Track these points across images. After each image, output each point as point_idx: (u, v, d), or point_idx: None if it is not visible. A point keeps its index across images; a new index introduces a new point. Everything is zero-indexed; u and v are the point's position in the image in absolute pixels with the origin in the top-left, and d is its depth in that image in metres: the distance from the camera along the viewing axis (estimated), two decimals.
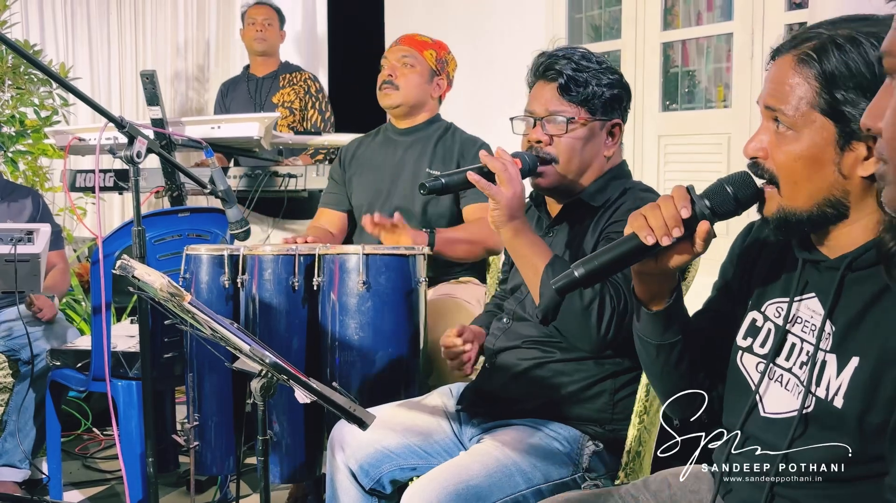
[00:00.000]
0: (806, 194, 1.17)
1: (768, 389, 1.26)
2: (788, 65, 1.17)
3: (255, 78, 4.46)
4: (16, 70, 4.37)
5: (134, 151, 2.09)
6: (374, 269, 2.23)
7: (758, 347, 1.30)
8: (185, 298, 1.48)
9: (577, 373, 1.82)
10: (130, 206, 5.82)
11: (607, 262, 1.25)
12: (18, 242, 2.60)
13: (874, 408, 1.10)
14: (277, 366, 1.50)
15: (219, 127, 3.42)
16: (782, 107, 1.16)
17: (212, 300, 2.32)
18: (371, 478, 1.91)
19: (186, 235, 2.75)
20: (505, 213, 1.74)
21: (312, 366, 2.28)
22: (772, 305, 1.30)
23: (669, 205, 1.21)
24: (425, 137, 2.83)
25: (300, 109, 4.35)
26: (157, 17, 5.97)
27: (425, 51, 2.81)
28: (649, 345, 1.39)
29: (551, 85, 1.85)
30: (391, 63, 2.80)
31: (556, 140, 1.85)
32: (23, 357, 3.04)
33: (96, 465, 3.38)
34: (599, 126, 1.88)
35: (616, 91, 1.87)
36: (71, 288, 4.08)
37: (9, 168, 4.39)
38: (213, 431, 2.35)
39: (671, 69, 4.00)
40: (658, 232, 1.21)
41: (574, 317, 1.69)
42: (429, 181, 1.85)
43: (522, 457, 1.73)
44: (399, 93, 2.78)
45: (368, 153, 2.89)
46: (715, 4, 3.83)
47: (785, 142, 1.17)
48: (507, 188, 1.73)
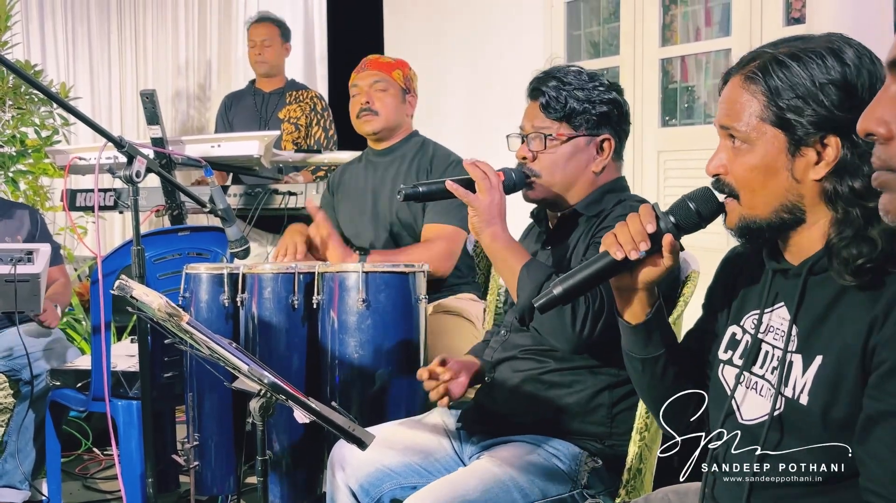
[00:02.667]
0: (763, 201, 1.24)
1: (745, 397, 1.31)
2: (737, 84, 1.25)
3: (262, 93, 4.47)
4: (16, 90, 4.39)
5: (133, 171, 2.09)
6: (374, 287, 2.23)
7: (737, 359, 1.35)
8: (184, 318, 1.48)
9: (574, 385, 1.83)
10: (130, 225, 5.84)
11: (583, 279, 1.34)
12: (18, 262, 2.60)
13: (837, 404, 1.15)
14: (276, 385, 1.50)
15: (219, 145, 3.42)
16: (735, 124, 1.24)
17: (212, 319, 2.32)
18: (371, 497, 1.91)
19: (186, 254, 2.74)
20: (483, 219, 1.82)
21: (312, 384, 2.28)
22: (749, 318, 1.35)
23: (635, 221, 1.31)
24: (402, 155, 2.85)
25: (305, 126, 4.36)
26: (158, 36, 6.01)
27: (393, 71, 2.83)
28: (634, 359, 1.44)
29: (536, 103, 1.91)
30: (364, 89, 2.81)
31: (539, 156, 1.90)
32: (23, 377, 3.03)
33: (96, 486, 3.36)
34: (585, 142, 1.90)
35: (605, 108, 1.89)
36: (71, 307, 4.08)
37: (9, 188, 4.41)
38: (213, 451, 2.34)
39: (670, 85, 4.01)
40: (626, 247, 1.30)
41: (549, 316, 1.70)
42: (407, 188, 1.90)
43: (520, 473, 1.73)
44: (379, 118, 2.80)
45: (352, 178, 2.93)
46: (713, 20, 3.84)
47: (741, 155, 1.25)
48: (486, 195, 1.82)
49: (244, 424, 2.36)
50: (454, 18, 4.98)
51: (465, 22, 4.90)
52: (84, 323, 4.25)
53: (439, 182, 1.89)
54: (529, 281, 1.76)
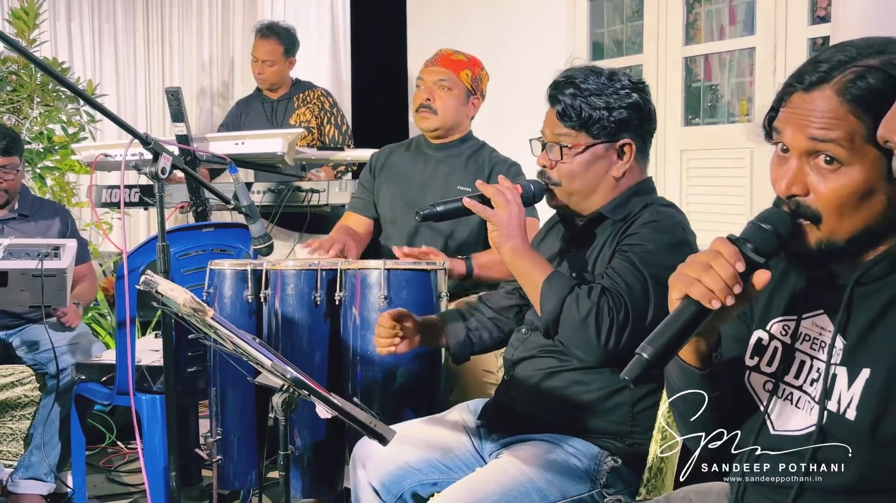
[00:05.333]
0: (850, 226, 1.15)
1: (776, 407, 1.25)
2: (833, 98, 1.13)
3: (270, 100, 4.44)
4: (44, 87, 4.44)
5: (159, 167, 2.11)
6: (396, 284, 2.24)
7: (764, 366, 1.29)
8: (208, 313, 1.49)
9: (593, 383, 1.82)
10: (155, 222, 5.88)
11: (674, 337, 1.16)
12: (45, 258, 2.64)
13: (887, 418, 1.10)
14: (299, 381, 1.51)
15: (243, 143, 3.45)
16: (834, 143, 1.13)
17: (235, 315, 2.34)
18: (393, 494, 1.92)
19: (210, 250, 2.76)
20: (502, 234, 1.82)
21: (334, 380, 2.29)
22: (777, 324, 1.29)
23: (723, 263, 1.14)
24: (458, 154, 2.84)
25: (317, 126, 4.36)
26: (183, 35, 6.05)
27: (462, 71, 2.81)
28: (699, 397, 1.29)
29: (554, 110, 1.89)
30: (428, 85, 2.80)
31: (558, 165, 1.88)
32: (49, 371, 3.07)
33: (120, 479, 3.40)
34: (604, 148, 1.87)
35: (623, 113, 1.85)
36: (96, 302, 4.13)
37: (37, 184, 4.46)
38: (235, 445, 2.37)
39: (693, 83, 3.99)
40: (721, 294, 1.13)
41: (573, 329, 1.71)
42: (423, 209, 1.92)
43: (539, 473, 1.73)
44: (437, 117, 2.79)
45: (399, 163, 2.90)
46: (737, 18, 3.82)
47: (834, 177, 1.14)
48: (503, 210, 1.81)
49: (266, 419, 2.37)
50: (476, 17, 4.98)
51: (487, 20, 4.90)
52: (109, 318, 4.29)
53: (456, 200, 1.89)
54: (552, 294, 1.75)
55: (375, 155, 3.02)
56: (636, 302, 1.69)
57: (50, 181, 4.60)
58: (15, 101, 4.42)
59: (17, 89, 4.42)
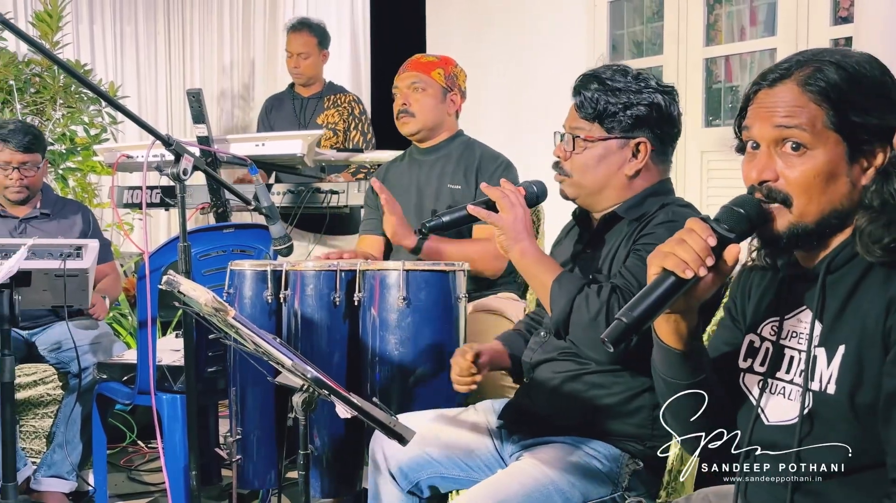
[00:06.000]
0: (818, 208, 1.25)
1: (769, 402, 1.31)
2: (795, 90, 1.25)
3: (301, 97, 4.51)
4: (67, 89, 4.48)
5: (180, 168, 2.13)
6: (415, 285, 2.24)
7: (757, 366, 1.35)
8: (230, 313, 1.50)
9: (614, 387, 1.82)
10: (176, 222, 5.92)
11: (651, 304, 1.25)
12: (67, 258, 2.65)
13: (862, 388, 1.18)
14: (319, 380, 1.52)
15: (263, 144, 3.47)
16: (798, 129, 1.23)
17: (255, 315, 2.35)
18: (410, 481, 1.93)
19: (231, 251, 2.78)
20: (509, 237, 1.83)
21: (353, 380, 2.30)
22: (767, 325, 1.36)
23: (695, 236, 1.25)
24: (447, 154, 2.86)
25: (343, 131, 4.39)
26: (204, 37, 6.09)
27: (433, 71, 2.83)
28: (678, 385, 1.36)
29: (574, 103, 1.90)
30: (403, 91, 2.83)
31: (571, 156, 1.89)
32: (71, 370, 3.10)
33: (140, 478, 3.42)
34: (618, 144, 1.86)
35: (642, 111, 1.85)
36: (118, 302, 4.16)
37: (59, 184, 4.49)
38: (255, 445, 2.38)
39: (714, 84, 3.98)
40: (694, 264, 1.23)
41: (583, 329, 1.72)
42: (428, 221, 1.94)
43: (561, 475, 1.73)
44: (416, 119, 2.81)
45: (397, 176, 2.93)
46: (758, 19, 3.80)
47: (800, 161, 1.24)
48: (508, 213, 1.82)
49: (286, 419, 2.38)
50: (496, 18, 4.98)
51: (507, 22, 4.90)
52: (130, 318, 4.32)
53: (461, 208, 1.91)
54: (561, 295, 1.76)
55: (376, 173, 3.06)
56: None
57: (72, 182, 4.64)
58: (38, 103, 4.46)
59: (41, 91, 4.46)
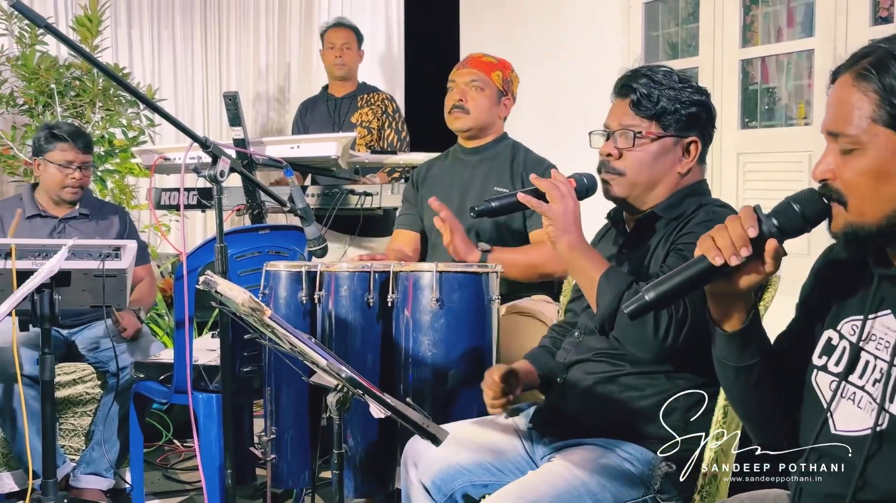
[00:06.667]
0: (873, 208, 1.18)
1: (839, 407, 1.25)
2: (848, 83, 1.19)
3: (335, 98, 4.56)
4: (105, 92, 4.54)
5: (217, 170, 2.15)
6: (448, 287, 2.25)
7: (832, 366, 1.29)
8: (266, 313, 1.52)
9: (648, 389, 1.81)
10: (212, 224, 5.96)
11: (678, 285, 1.25)
12: (106, 258, 2.69)
13: None
14: (353, 380, 1.52)
15: (298, 146, 3.50)
16: (844, 129, 1.18)
17: (289, 315, 2.37)
18: (444, 493, 1.92)
19: (266, 252, 2.80)
20: (558, 228, 1.80)
21: (386, 381, 2.31)
22: (847, 323, 1.29)
23: (736, 225, 1.22)
24: (493, 156, 2.86)
25: (377, 129, 4.43)
26: (240, 40, 6.14)
27: (493, 72, 2.84)
28: (728, 367, 1.37)
29: (625, 101, 1.89)
30: (460, 87, 2.83)
31: (625, 154, 1.87)
32: (110, 369, 3.14)
33: (176, 476, 3.46)
34: (673, 142, 1.88)
35: (694, 109, 1.87)
36: (155, 303, 4.21)
37: (97, 186, 4.56)
38: (289, 445, 2.40)
39: (750, 86, 3.94)
40: (726, 252, 1.21)
41: (630, 325, 1.70)
42: (478, 204, 1.93)
43: (592, 477, 1.72)
44: (469, 116, 2.82)
45: (439, 174, 2.94)
46: (795, 20, 3.76)
47: (850, 160, 1.18)
48: (559, 204, 1.80)
49: (319, 419, 2.40)
50: (531, 19, 4.97)
51: (541, 23, 4.89)
52: (167, 318, 4.38)
53: (511, 195, 1.89)
54: (609, 290, 1.74)
55: (417, 170, 3.06)
56: (694, 298, 1.67)
57: (110, 184, 4.71)
58: (78, 106, 4.53)
59: (81, 94, 4.53)
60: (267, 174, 5.22)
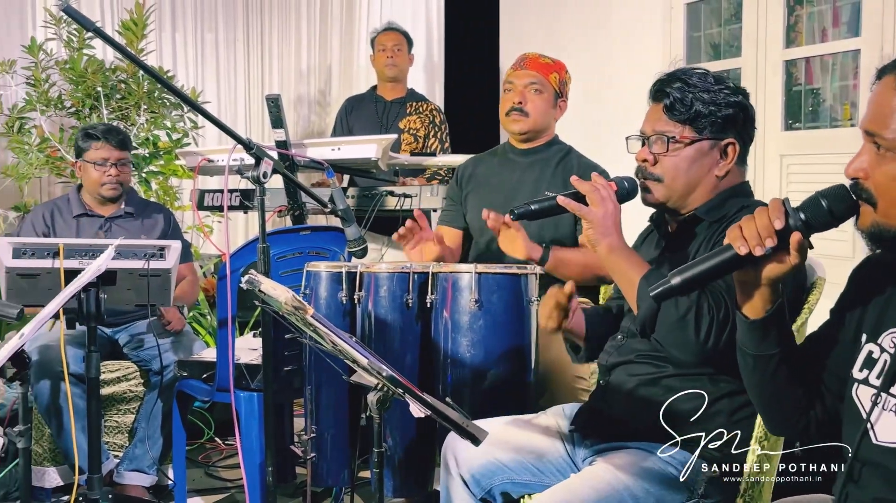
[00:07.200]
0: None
1: (880, 418, 1.25)
2: (890, 86, 1.19)
3: (384, 101, 4.58)
4: (150, 95, 4.62)
5: (261, 172, 2.18)
6: (487, 288, 2.25)
7: (873, 379, 1.29)
8: (308, 312, 1.53)
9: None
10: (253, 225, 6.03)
11: (704, 271, 1.29)
12: (151, 258, 2.74)
13: None
14: (394, 379, 1.53)
15: (338, 148, 3.53)
16: (882, 131, 1.18)
17: (329, 315, 2.39)
18: (482, 488, 1.93)
19: (307, 253, 2.83)
20: (598, 231, 1.82)
21: (425, 382, 2.31)
22: (888, 336, 1.29)
23: (764, 216, 1.25)
24: (545, 159, 2.84)
25: (423, 137, 4.45)
26: (282, 44, 6.21)
27: (550, 74, 2.82)
28: (747, 355, 1.40)
29: (659, 105, 1.88)
30: (518, 88, 2.81)
31: (661, 159, 1.87)
32: (153, 367, 3.19)
33: (218, 474, 3.50)
34: (709, 145, 1.86)
35: (731, 111, 1.85)
36: (197, 302, 4.27)
37: (142, 187, 4.64)
38: (329, 444, 2.42)
39: (794, 87, 3.89)
40: (751, 241, 1.24)
41: (671, 327, 1.69)
42: (518, 207, 1.92)
43: (635, 481, 1.71)
44: (529, 119, 2.81)
45: (486, 172, 2.92)
46: (841, 20, 3.70)
47: (885, 162, 1.19)
48: (599, 207, 1.81)
49: (359, 419, 2.41)
50: (571, 22, 4.96)
51: (582, 25, 4.87)
52: (209, 317, 4.43)
53: (551, 198, 1.90)
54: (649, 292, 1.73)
55: (461, 166, 3.05)
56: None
57: (154, 185, 4.78)
58: (123, 109, 4.61)
59: (126, 97, 4.61)
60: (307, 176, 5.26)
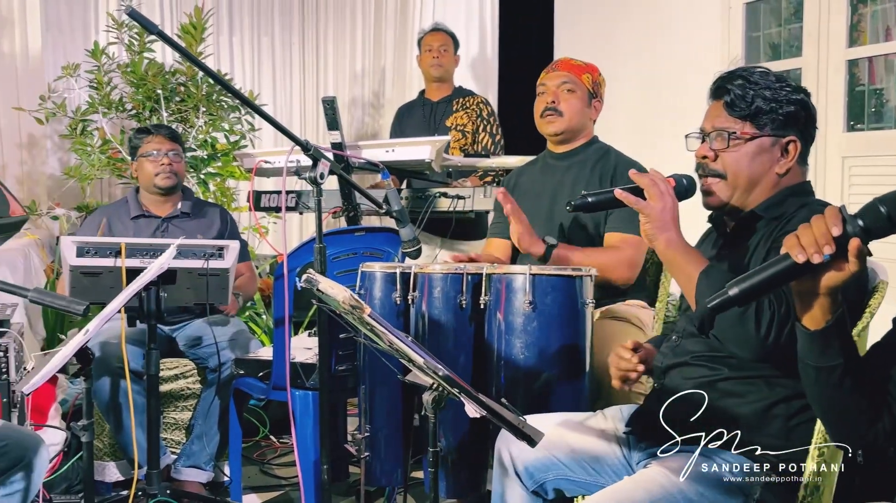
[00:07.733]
0: None
1: None
2: None
3: (430, 102, 4.61)
4: (209, 97, 4.70)
5: (318, 173, 2.20)
6: (541, 290, 2.24)
7: None
8: (366, 311, 1.55)
9: (748, 395, 1.76)
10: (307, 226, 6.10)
11: (761, 281, 1.27)
12: (210, 258, 2.79)
13: None
14: (449, 379, 1.54)
15: (393, 150, 3.55)
16: None
17: (384, 315, 2.40)
18: (535, 481, 1.93)
19: (361, 253, 2.85)
20: (656, 226, 1.79)
21: (478, 383, 2.31)
22: None
23: (821, 223, 1.23)
24: (583, 160, 2.84)
25: (472, 132, 4.45)
26: (337, 47, 6.28)
27: (582, 74, 2.83)
28: (809, 367, 1.37)
29: (720, 102, 1.87)
30: (551, 89, 2.82)
31: (721, 155, 1.85)
32: (210, 365, 3.24)
33: (272, 471, 3.55)
34: (770, 142, 1.84)
35: (792, 108, 1.83)
36: (253, 302, 4.33)
37: (200, 188, 4.72)
38: (382, 443, 2.43)
39: (857, 87, 3.80)
40: (809, 250, 1.22)
41: (731, 322, 1.66)
42: (575, 199, 1.94)
43: (690, 484, 1.68)
44: (563, 119, 2.81)
45: (529, 181, 2.94)
46: None
47: None
48: (657, 201, 1.79)
49: (412, 419, 2.42)
50: (628, 20, 4.92)
51: (639, 23, 4.83)
52: (265, 317, 4.49)
53: (608, 191, 1.89)
54: (708, 288, 1.70)
55: (507, 178, 3.08)
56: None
57: (212, 186, 4.87)
58: (182, 111, 4.70)
59: (185, 100, 4.70)
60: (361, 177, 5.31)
